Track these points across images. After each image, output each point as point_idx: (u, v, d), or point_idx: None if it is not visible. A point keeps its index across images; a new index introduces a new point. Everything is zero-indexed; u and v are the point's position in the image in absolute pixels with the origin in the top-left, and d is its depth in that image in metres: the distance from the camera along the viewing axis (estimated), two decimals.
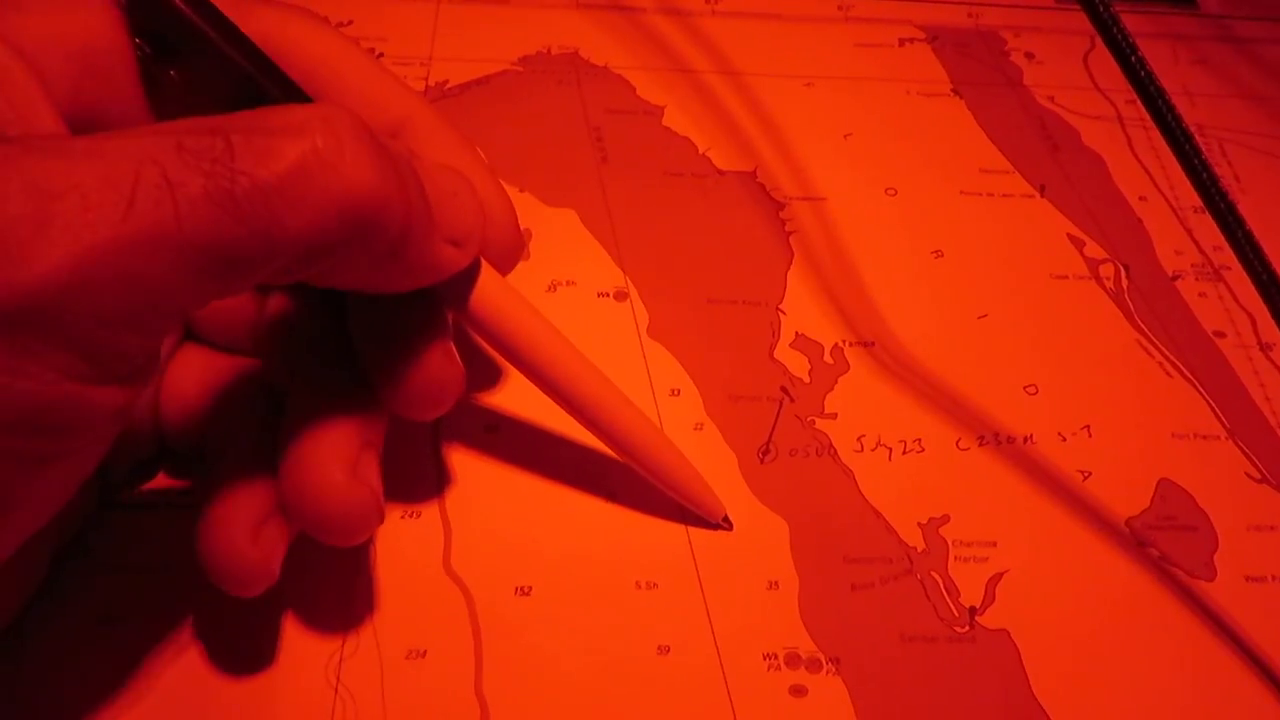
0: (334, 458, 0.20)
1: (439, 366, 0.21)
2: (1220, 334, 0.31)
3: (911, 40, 0.38)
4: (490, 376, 0.28)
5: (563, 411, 0.24)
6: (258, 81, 0.19)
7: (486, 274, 0.21)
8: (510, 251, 0.23)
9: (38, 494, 0.16)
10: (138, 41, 0.18)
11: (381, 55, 0.35)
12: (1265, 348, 0.31)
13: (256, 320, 0.23)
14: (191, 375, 0.23)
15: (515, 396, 0.27)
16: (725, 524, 0.25)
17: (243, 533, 0.20)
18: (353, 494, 0.19)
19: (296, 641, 0.23)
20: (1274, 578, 0.26)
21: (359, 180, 0.16)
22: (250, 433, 0.21)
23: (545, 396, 0.23)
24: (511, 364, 0.23)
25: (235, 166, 0.15)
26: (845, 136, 0.35)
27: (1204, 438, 0.29)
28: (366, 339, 0.21)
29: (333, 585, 0.24)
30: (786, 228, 0.32)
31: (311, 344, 0.22)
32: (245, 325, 0.23)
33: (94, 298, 0.14)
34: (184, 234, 0.14)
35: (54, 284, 0.14)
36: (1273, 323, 0.22)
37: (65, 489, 0.17)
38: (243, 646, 0.23)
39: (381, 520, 0.20)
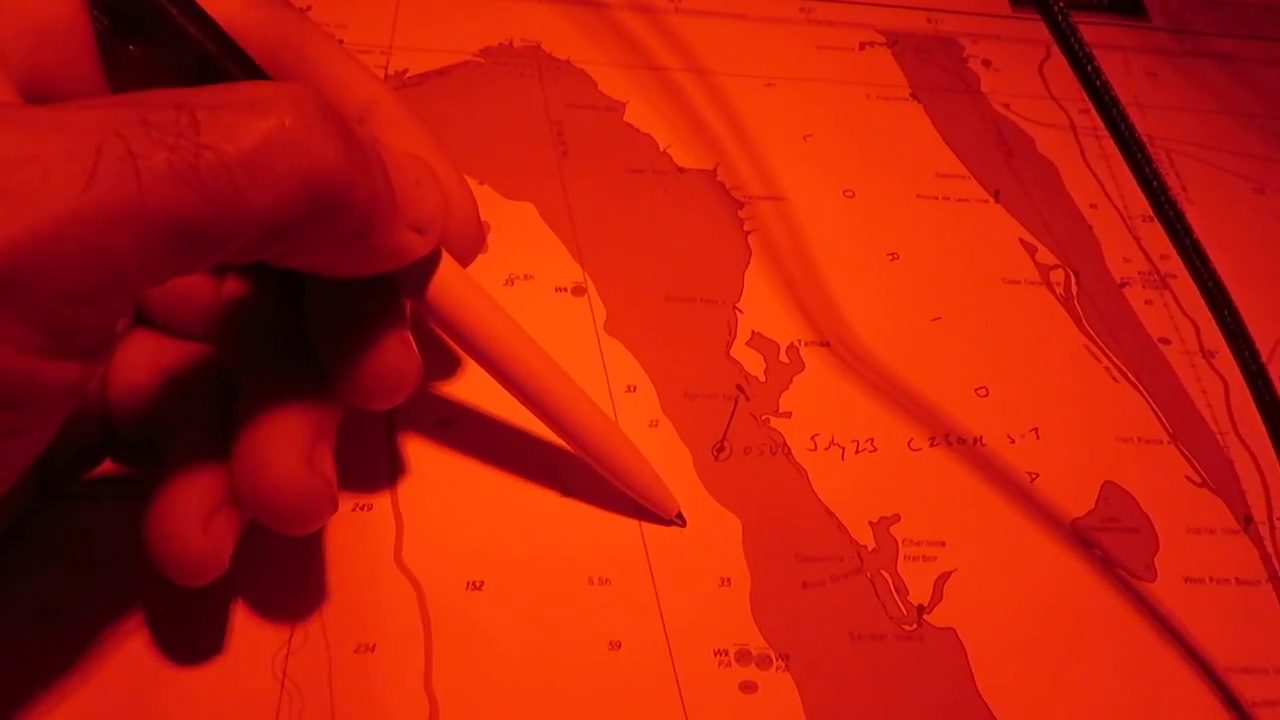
0: (289, 446, 0.19)
1: (395, 356, 0.20)
2: (1165, 340, 0.32)
3: (872, 44, 0.39)
4: (446, 369, 0.27)
5: (519, 406, 0.23)
6: (218, 61, 0.18)
7: (446, 264, 0.21)
8: (470, 243, 0.23)
9: None
10: (96, 15, 0.18)
11: (341, 42, 0.34)
12: (1208, 354, 0.32)
13: (211, 305, 0.23)
14: (142, 360, 0.23)
15: (471, 389, 0.27)
16: (679, 520, 0.26)
17: (193, 522, 0.19)
18: (308, 483, 0.19)
19: (242, 634, 0.23)
20: (1212, 579, 0.27)
21: (326, 158, 0.16)
22: (202, 420, 0.21)
23: (502, 390, 0.23)
24: (468, 355, 0.23)
25: (200, 141, 0.14)
26: (805, 137, 0.35)
27: (1147, 442, 0.29)
28: (323, 327, 0.21)
29: (281, 577, 0.23)
30: (745, 226, 0.32)
31: (266, 330, 0.22)
32: (199, 310, 0.23)
33: (53, 270, 0.14)
34: (146, 207, 0.14)
35: (12, 256, 0.13)
36: (1216, 330, 0.23)
37: (13, 469, 0.16)
38: (187, 639, 0.22)
39: (335, 510, 0.20)
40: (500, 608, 0.24)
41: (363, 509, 0.25)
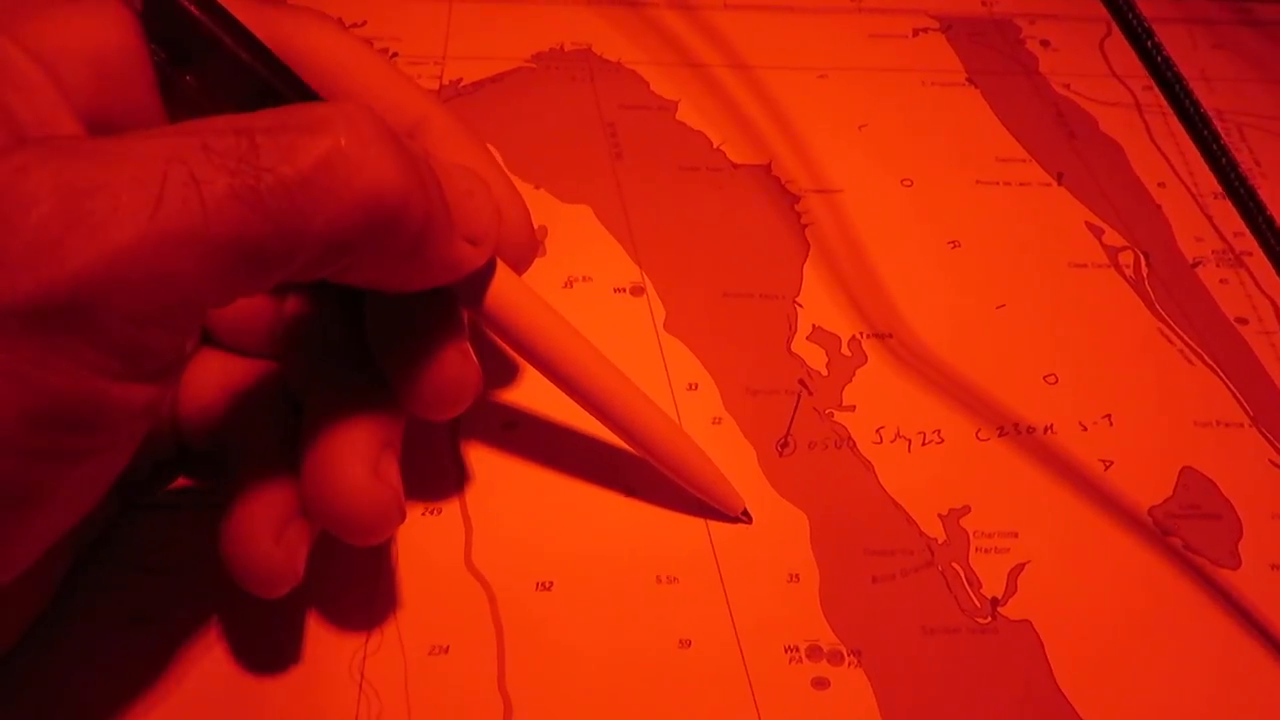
0: (355, 458, 0.20)
1: (456, 366, 0.21)
2: (1242, 320, 0.31)
3: (925, 30, 0.38)
4: (508, 374, 0.28)
5: (581, 408, 0.24)
6: (272, 85, 0.19)
7: (502, 273, 0.22)
8: (525, 251, 0.23)
9: (69, 492, 0.16)
10: (153, 47, 0.19)
11: (396, 55, 0.35)
12: None
13: (274, 323, 0.23)
14: (210, 378, 0.24)
15: (533, 393, 0.27)
16: (745, 518, 0.25)
17: (266, 534, 0.20)
18: (375, 493, 0.20)
19: (321, 638, 0.23)
20: None
21: (382, 177, 0.16)
22: (270, 434, 0.21)
23: (563, 393, 0.23)
24: (528, 362, 0.23)
25: (260, 164, 0.15)
26: (860, 128, 0.35)
27: (1227, 425, 0.28)
28: (383, 340, 0.21)
29: (355, 583, 0.24)
30: (802, 220, 0.32)
31: (329, 345, 0.22)
32: (263, 329, 0.24)
33: (124, 295, 0.14)
34: (211, 231, 0.15)
35: (85, 281, 0.14)
36: None
37: (96, 487, 0.17)
38: (268, 644, 0.23)
39: (403, 519, 0.20)
40: (570, 608, 0.24)
41: (432, 513, 0.25)
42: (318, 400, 0.21)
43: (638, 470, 0.26)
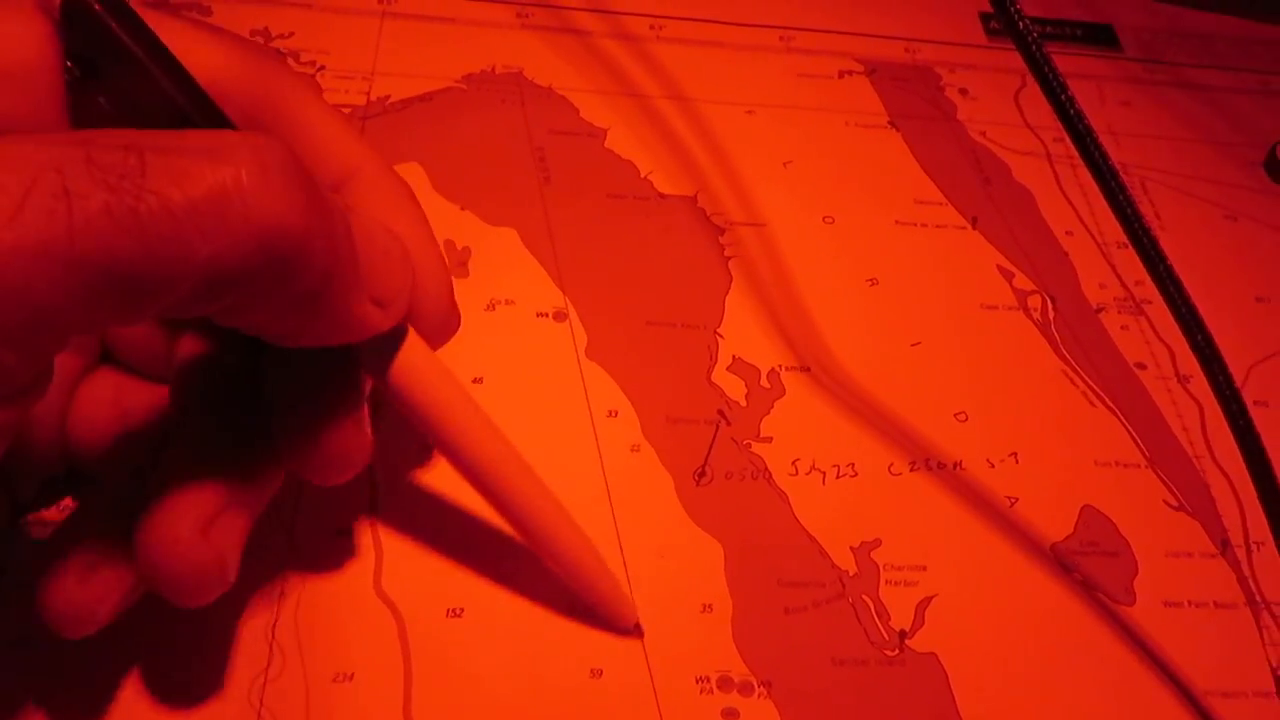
0: (188, 511, 0.18)
1: (347, 436, 0.19)
2: (1141, 365, 0.32)
3: (850, 73, 0.39)
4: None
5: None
6: (190, 114, 0.17)
7: (412, 344, 0.20)
8: (442, 324, 0.22)
9: None
10: (68, 65, 0.18)
11: (323, 69, 0.35)
12: (1183, 379, 0.32)
13: (172, 346, 0.22)
14: (104, 398, 0.22)
15: None
16: (636, 631, 0.24)
17: (72, 570, 0.19)
18: (193, 554, 0.18)
19: (218, 662, 0.22)
20: (1190, 603, 0.27)
21: (281, 216, 0.15)
22: (139, 461, 0.20)
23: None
24: (427, 440, 0.22)
25: (145, 184, 0.14)
26: (785, 164, 0.35)
27: (1125, 466, 0.30)
28: (278, 393, 0.20)
29: (256, 605, 0.23)
30: (726, 252, 0.32)
31: (212, 389, 0.21)
32: (163, 353, 0.22)
33: None
34: (75, 249, 0.13)
35: None
36: (1191, 356, 0.23)
37: None
38: (161, 668, 0.22)
39: (226, 588, 0.19)
40: (480, 635, 0.24)
41: (342, 535, 0.25)
42: (179, 441, 0.19)
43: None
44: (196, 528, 0.18)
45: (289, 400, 0.20)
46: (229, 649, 0.22)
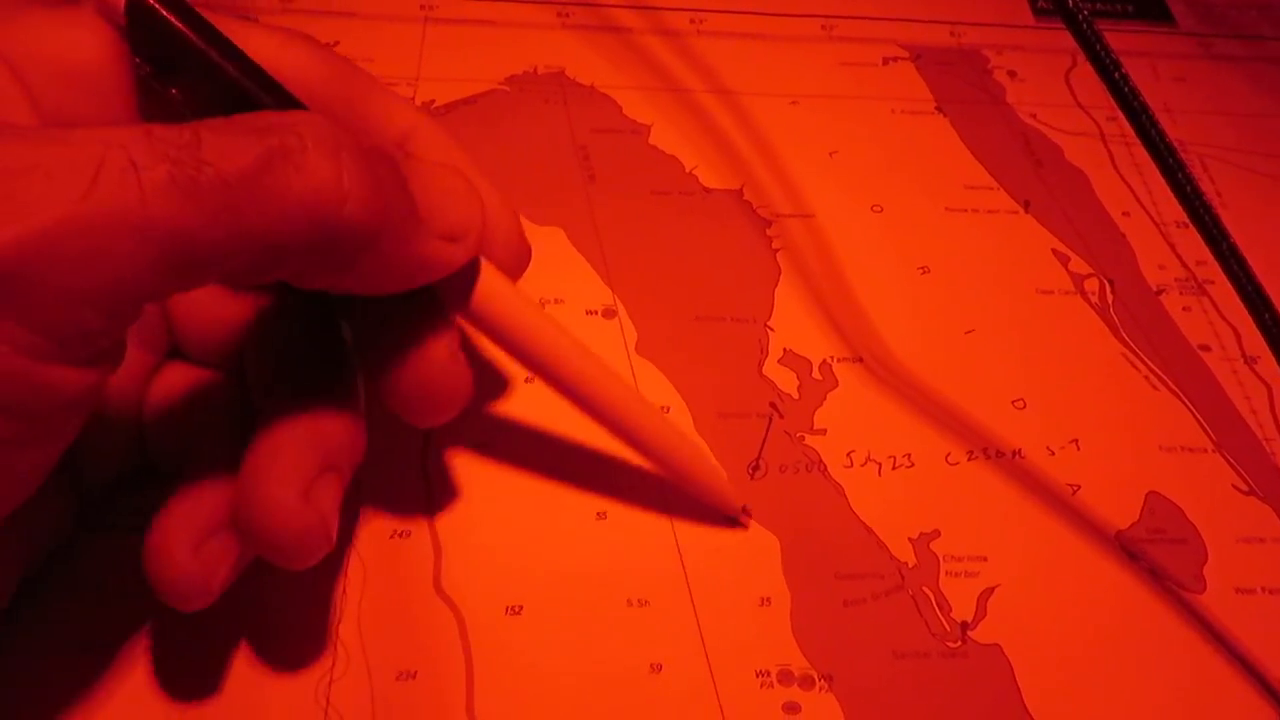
0: (288, 476, 0.19)
1: (445, 367, 0.21)
2: (1205, 347, 0.31)
3: (895, 59, 0.39)
4: (480, 396, 0.27)
5: (553, 430, 0.23)
6: (259, 98, 0.19)
7: (488, 272, 0.21)
8: (515, 257, 0.23)
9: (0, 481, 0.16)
10: (137, 61, 0.18)
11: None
12: (1250, 360, 0.31)
13: (240, 335, 0.23)
14: (175, 391, 0.23)
15: (506, 414, 0.27)
16: (744, 515, 0.26)
17: (184, 543, 0.19)
18: (300, 517, 0.19)
19: (286, 663, 0.23)
20: (1264, 589, 0.26)
21: (320, 181, 0.16)
22: (221, 447, 0.21)
23: (535, 415, 0.23)
24: (519, 362, 0.23)
25: (201, 156, 0.15)
26: (830, 154, 0.35)
27: (1191, 450, 0.29)
28: (371, 345, 0.21)
29: (321, 606, 0.24)
30: (773, 245, 0.32)
31: (291, 359, 0.22)
32: (230, 341, 0.23)
33: (52, 273, 0.14)
34: (147, 217, 0.15)
35: (11, 255, 0.14)
36: (1257, 336, 0.22)
37: (22, 482, 0.17)
38: (232, 668, 0.22)
39: (330, 548, 0.20)
40: (539, 632, 0.24)
41: (401, 536, 0.25)
42: (269, 413, 0.20)
43: (609, 492, 0.26)
44: (298, 492, 0.19)
45: (384, 345, 0.21)
46: (295, 650, 0.23)
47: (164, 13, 0.18)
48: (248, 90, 0.18)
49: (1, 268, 0.14)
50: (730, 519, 0.26)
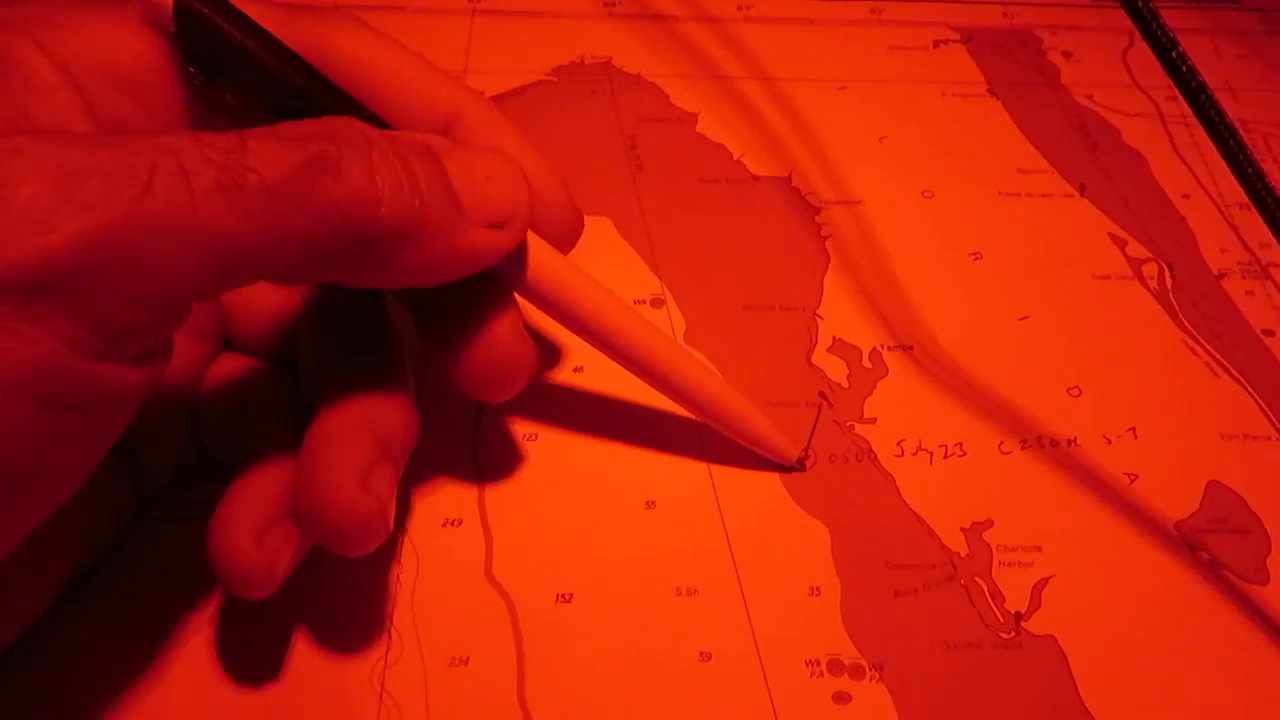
0: (345, 465, 0.20)
1: (510, 344, 0.21)
2: (1269, 332, 0.31)
3: (946, 41, 0.38)
4: (531, 386, 0.28)
5: (601, 420, 0.24)
6: (310, 95, 0.19)
7: (539, 249, 0.22)
8: (567, 229, 0.24)
9: (50, 474, 0.16)
10: (191, 70, 0.19)
11: None
12: None
13: (294, 326, 0.24)
14: (229, 382, 0.24)
15: (554, 404, 0.27)
16: (800, 465, 0.26)
17: (248, 532, 0.20)
18: (359, 505, 0.19)
19: (342, 649, 0.23)
20: None
21: (356, 186, 0.17)
22: (277, 437, 0.22)
23: (584, 403, 0.23)
24: (576, 333, 0.23)
25: (246, 163, 0.16)
26: (880, 140, 0.35)
27: (1254, 438, 0.28)
28: (433, 324, 0.22)
29: (376, 593, 0.24)
30: (822, 232, 0.32)
31: (344, 350, 0.22)
32: (283, 332, 0.24)
33: (108, 272, 0.15)
34: (196, 221, 0.15)
35: (69, 255, 0.14)
36: None
37: (77, 472, 0.17)
38: (290, 655, 0.23)
39: (387, 534, 0.20)
40: (589, 620, 0.24)
41: (453, 525, 0.25)
42: (326, 404, 0.21)
43: (658, 481, 0.26)
44: (356, 480, 0.20)
45: (447, 326, 0.21)
46: (351, 636, 0.23)
47: (211, 15, 0.18)
48: (298, 87, 0.19)
49: (59, 266, 0.14)
50: (789, 468, 0.26)
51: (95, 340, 0.15)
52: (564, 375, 0.28)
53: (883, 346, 0.29)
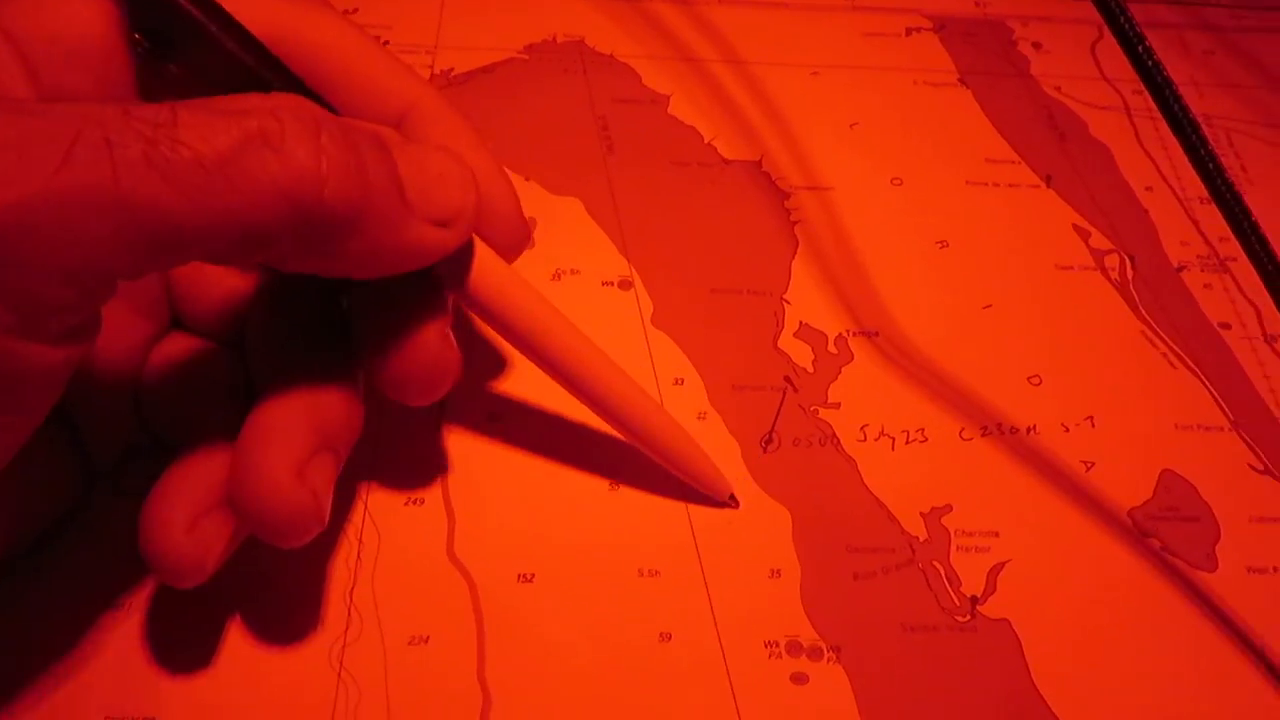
0: (283, 454, 0.19)
1: (435, 349, 0.21)
2: (1225, 325, 0.31)
3: (918, 29, 0.38)
4: (493, 364, 0.28)
5: (566, 399, 0.24)
6: (259, 74, 0.19)
7: (484, 255, 0.21)
8: (513, 238, 0.23)
9: None
10: (137, 37, 0.18)
11: (387, 43, 0.35)
12: (1270, 339, 0.31)
13: (244, 306, 0.23)
14: (174, 363, 0.23)
15: (518, 384, 0.27)
16: (732, 502, 0.26)
17: (178, 521, 0.19)
18: (292, 497, 0.19)
19: (302, 627, 0.23)
20: (1276, 569, 0.26)
21: (299, 165, 0.16)
22: (219, 421, 0.21)
23: (548, 385, 0.23)
24: (514, 346, 0.23)
25: (178, 136, 0.15)
26: (851, 126, 0.35)
27: (1207, 429, 0.29)
28: (364, 321, 0.21)
29: (336, 572, 0.24)
30: (791, 217, 0.32)
31: (291, 335, 0.22)
32: (232, 314, 0.23)
33: (21, 248, 0.14)
34: (120, 195, 0.15)
35: None
36: (1278, 314, 0.22)
37: (1, 450, 0.17)
38: (248, 630, 0.23)
39: (322, 528, 0.20)
40: (551, 600, 0.24)
41: (415, 503, 0.25)
42: (268, 391, 0.20)
43: (622, 463, 0.26)
44: (292, 470, 0.19)
45: (375, 324, 0.21)
46: (309, 614, 0.23)
47: None
48: (247, 65, 0.18)
49: None
50: (720, 503, 0.26)
51: (11, 317, 0.15)
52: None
53: (848, 332, 0.30)
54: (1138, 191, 0.34)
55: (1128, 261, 0.32)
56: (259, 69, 0.19)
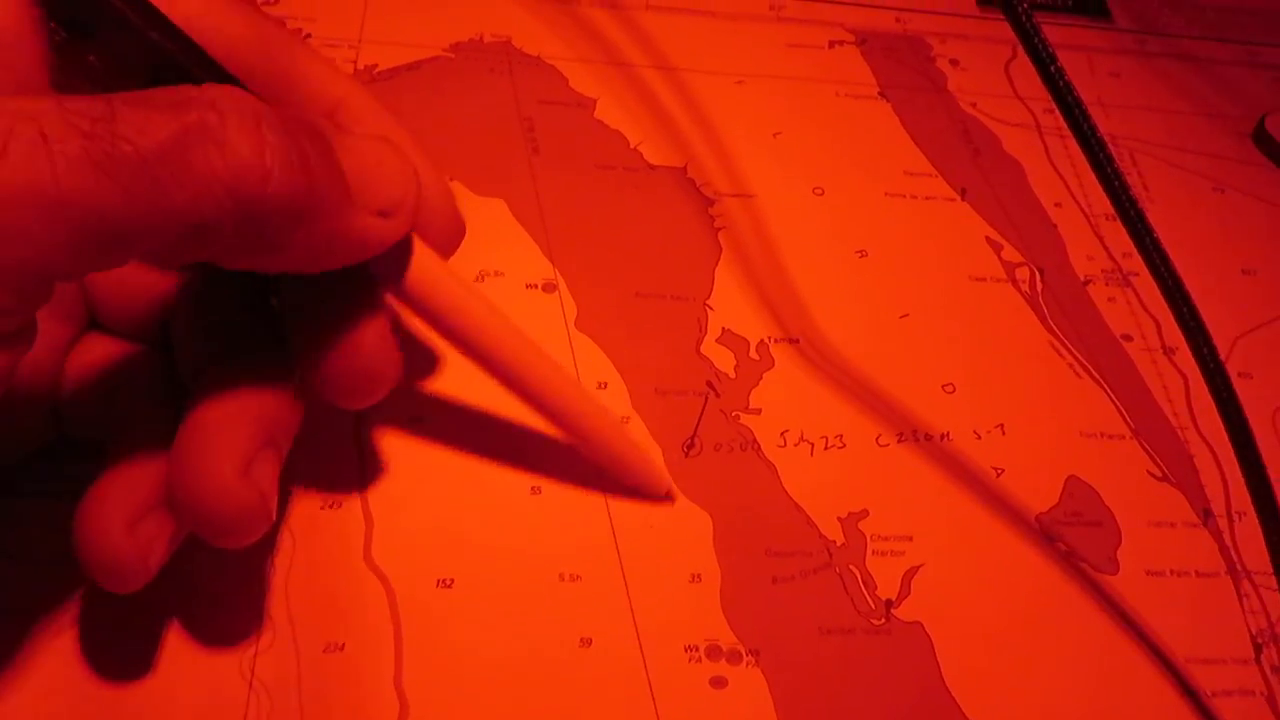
0: (227, 453, 0.19)
1: (374, 349, 0.20)
2: (1127, 337, 0.32)
3: (841, 43, 0.39)
4: (418, 366, 0.27)
5: (489, 401, 0.23)
6: (183, 64, 0.18)
7: (421, 251, 0.21)
8: (448, 233, 0.23)
9: None
10: (52, 26, 0.18)
11: (309, 36, 0.34)
12: (1169, 351, 0.32)
13: (165, 306, 0.22)
14: (94, 363, 0.22)
15: (442, 387, 0.27)
16: (669, 499, 0.26)
17: (118, 522, 0.19)
18: (239, 495, 0.19)
19: (210, 634, 0.22)
20: (1172, 572, 0.27)
21: (240, 158, 0.15)
22: (148, 422, 0.20)
23: (471, 386, 0.23)
24: (451, 343, 0.22)
25: (116, 130, 0.14)
26: (775, 135, 0.35)
27: (1110, 437, 0.30)
28: (298, 321, 0.21)
29: (248, 577, 0.23)
30: (715, 224, 0.32)
31: (224, 332, 0.21)
32: (153, 312, 0.23)
33: None
34: (58, 192, 0.14)
35: None
36: (1176, 327, 0.23)
37: None
38: (154, 638, 0.22)
39: (269, 525, 0.19)
40: (470, 605, 0.24)
41: (332, 507, 0.25)
42: (204, 388, 0.20)
43: (543, 467, 0.26)
44: (237, 468, 0.19)
45: (312, 324, 0.20)
46: (219, 623, 0.23)
47: None
48: (170, 56, 0.18)
49: None
50: (658, 499, 0.26)
51: None
52: (452, 358, 0.28)
53: (770, 339, 0.30)
54: (1047, 207, 0.35)
55: (1037, 274, 0.33)
56: (183, 58, 0.18)
